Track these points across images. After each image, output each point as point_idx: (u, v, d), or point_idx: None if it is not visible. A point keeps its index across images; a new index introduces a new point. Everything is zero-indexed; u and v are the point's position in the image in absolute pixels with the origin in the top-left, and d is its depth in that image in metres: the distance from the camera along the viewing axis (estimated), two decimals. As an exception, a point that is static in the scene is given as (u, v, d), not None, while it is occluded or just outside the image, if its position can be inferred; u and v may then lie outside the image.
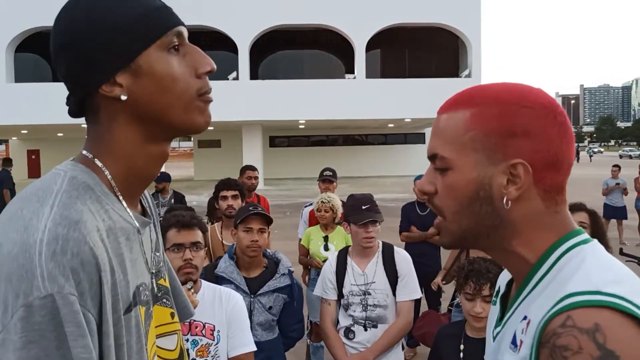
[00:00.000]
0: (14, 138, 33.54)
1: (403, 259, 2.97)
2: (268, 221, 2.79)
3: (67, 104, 0.88)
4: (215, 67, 0.92)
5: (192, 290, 2.12)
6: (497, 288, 1.03)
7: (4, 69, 20.33)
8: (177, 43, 0.87)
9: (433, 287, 4.40)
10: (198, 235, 2.23)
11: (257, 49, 22.09)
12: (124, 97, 0.84)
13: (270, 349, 2.72)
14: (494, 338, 0.92)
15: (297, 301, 2.86)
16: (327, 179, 5.18)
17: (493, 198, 0.83)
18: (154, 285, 0.96)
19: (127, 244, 0.86)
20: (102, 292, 0.77)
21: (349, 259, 2.98)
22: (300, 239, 4.85)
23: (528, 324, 0.80)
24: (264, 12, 20.47)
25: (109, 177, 0.87)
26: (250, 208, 2.81)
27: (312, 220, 4.84)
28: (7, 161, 11.19)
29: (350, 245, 3.08)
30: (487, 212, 0.84)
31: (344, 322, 2.93)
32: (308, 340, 4.49)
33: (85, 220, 0.78)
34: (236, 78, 20.94)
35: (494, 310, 0.99)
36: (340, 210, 4.48)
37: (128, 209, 0.89)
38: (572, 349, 0.71)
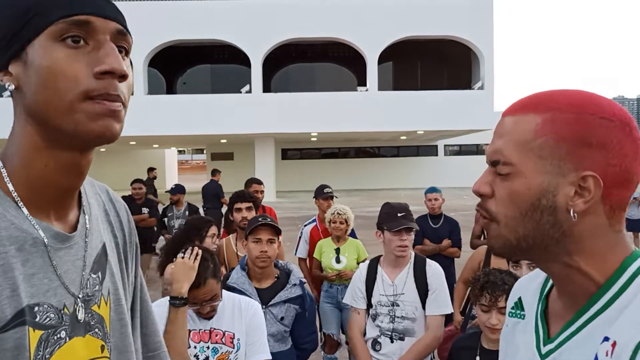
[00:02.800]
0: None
1: (434, 273, 2.89)
2: (277, 232, 2.80)
3: None
4: (116, 68, 0.77)
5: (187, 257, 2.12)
6: (516, 299, 0.99)
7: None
8: (76, 34, 0.77)
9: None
10: (213, 290, 2.17)
11: (270, 62, 22.23)
12: (11, 87, 0.78)
13: (283, 360, 2.72)
14: (542, 356, 0.86)
15: (309, 312, 2.86)
16: (331, 195, 5.01)
17: (557, 208, 0.80)
18: (79, 310, 0.84)
19: (17, 254, 0.76)
20: None
21: (379, 269, 2.93)
22: (299, 258, 4.78)
23: (613, 345, 0.75)
24: (276, 26, 20.63)
25: (6, 179, 0.79)
26: (260, 219, 2.84)
27: (314, 239, 4.74)
28: (216, 172, 12.19)
29: (381, 255, 3.02)
30: (549, 222, 0.80)
31: (371, 332, 2.88)
32: (322, 353, 4.46)
33: None
34: (249, 91, 21.07)
35: (523, 326, 0.94)
36: (352, 223, 4.48)
37: (31, 218, 0.79)
38: None
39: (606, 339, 0.76)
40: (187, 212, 7.37)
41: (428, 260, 2.95)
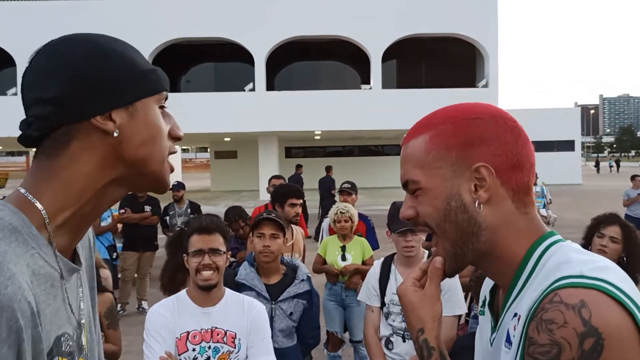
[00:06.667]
0: (34, 150, 34.08)
1: None
2: (281, 228, 2.81)
3: (24, 128, 0.84)
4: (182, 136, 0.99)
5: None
6: (482, 298, 1.09)
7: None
8: (164, 105, 0.94)
9: None
10: (218, 241, 2.27)
11: (274, 61, 22.23)
12: (116, 133, 0.84)
13: (291, 355, 2.74)
14: (491, 344, 0.97)
15: (315, 307, 2.89)
16: (346, 190, 5.22)
17: (466, 205, 0.90)
18: (81, 336, 0.89)
19: (50, 290, 0.81)
20: (19, 339, 0.71)
21: (392, 267, 2.94)
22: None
23: (519, 319, 0.85)
24: (280, 24, 20.62)
25: (46, 220, 0.82)
26: (264, 214, 2.86)
27: (332, 232, 4.84)
28: (299, 167, 15.15)
29: (395, 253, 3.01)
30: (465, 220, 0.90)
31: (384, 331, 2.89)
32: (325, 351, 4.47)
33: (8, 262, 0.73)
34: (252, 89, 21.07)
35: (485, 320, 1.04)
36: (356, 220, 4.49)
37: (57, 253, 0.83)
38: (558, 323, 0.75)
39: (515, 314, 0.88)
40: (188, 210, 7.40)
41: None
